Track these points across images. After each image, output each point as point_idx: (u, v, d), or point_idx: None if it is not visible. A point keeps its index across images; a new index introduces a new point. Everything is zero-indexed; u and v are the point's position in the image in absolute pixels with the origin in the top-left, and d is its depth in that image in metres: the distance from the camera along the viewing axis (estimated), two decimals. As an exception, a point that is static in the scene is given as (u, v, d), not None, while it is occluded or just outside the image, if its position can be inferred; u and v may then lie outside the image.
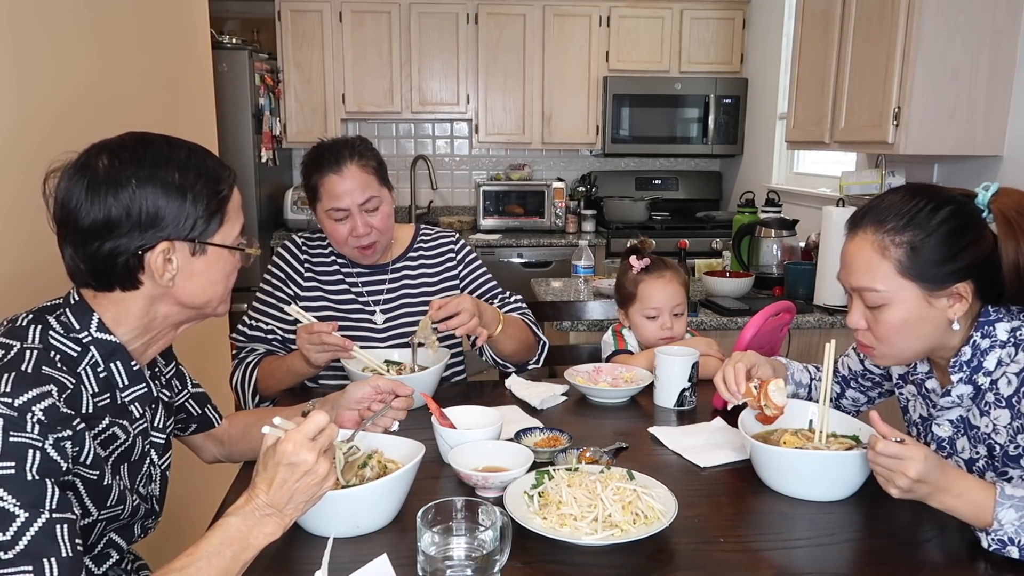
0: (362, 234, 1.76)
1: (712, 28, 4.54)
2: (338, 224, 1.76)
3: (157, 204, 1.02)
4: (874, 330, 1.22)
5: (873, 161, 2.99)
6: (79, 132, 1.14)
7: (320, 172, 1.74)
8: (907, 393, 1.38)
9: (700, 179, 5.00)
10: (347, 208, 1.74)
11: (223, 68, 3.70)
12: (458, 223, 4.76)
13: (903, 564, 1.06)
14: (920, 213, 1.17)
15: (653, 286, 1.88)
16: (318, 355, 1.61)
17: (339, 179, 1.73)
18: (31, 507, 0.87)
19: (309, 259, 1.88)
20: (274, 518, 0.97)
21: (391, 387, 1.34)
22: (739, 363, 1.39)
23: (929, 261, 1.16)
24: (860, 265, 1.20)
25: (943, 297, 1.18)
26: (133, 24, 1.97)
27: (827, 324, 2.56)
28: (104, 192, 1.00)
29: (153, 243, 1.02)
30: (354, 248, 1.79)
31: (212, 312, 1.14)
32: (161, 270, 1.04)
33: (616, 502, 1.09)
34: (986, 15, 2.36)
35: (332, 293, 1.86)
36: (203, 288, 1.09)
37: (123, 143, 1.05)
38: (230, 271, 1.13)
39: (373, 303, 1.86)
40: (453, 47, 4.47)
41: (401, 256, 1.92)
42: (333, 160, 1.74)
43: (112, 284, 1.04)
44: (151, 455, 1.17)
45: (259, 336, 1.82)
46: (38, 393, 0.92)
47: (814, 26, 2.93)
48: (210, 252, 1.08)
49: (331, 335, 1.58)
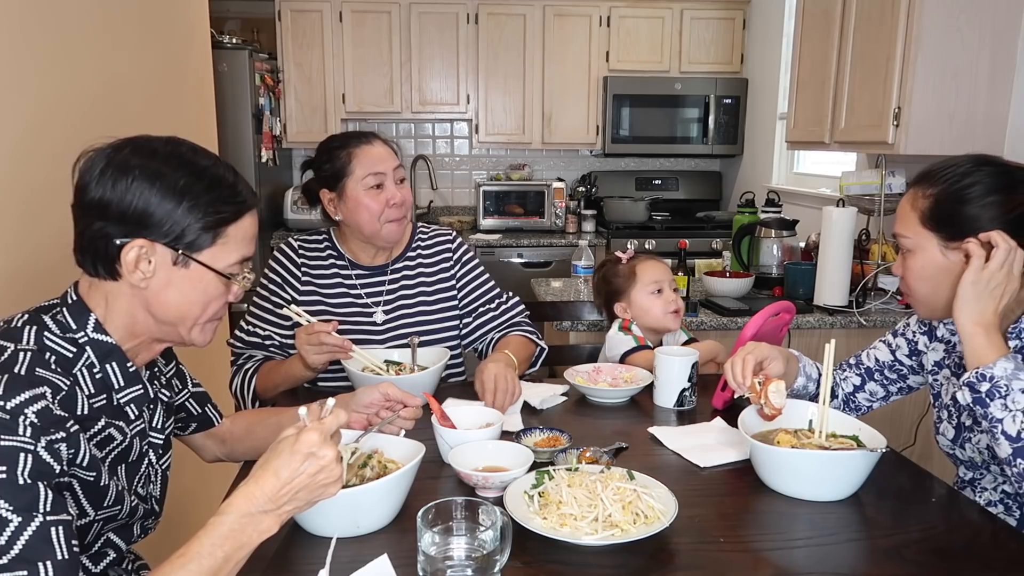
0: (398, 201, 1.78)
1: (712, 28, 4.54)
2: (375, 193, 1.77)
3: (148, 201, 1.01)
4: (905, 278, 1.33)
5: (873, 161, 2.99)
6: (80, 132, 1.14)
7: (348, 147, 1.79)
8: (941, 378, 1.43)
9: (700, 179, 5.00)
10: (384, 172, 1.78)
11: (223, 68, 3.70)
12: (458, 223, 4.76)
13: (903, 564, 1.06)
14: (951, 171, 1.26)
15: (647, 263, 1.98)
16: (316, 356, 1.60)
17: (371, 147, 1.79)
18: (24, 511, 0.86)
19: (306, 261, 1.88)
20: (271, 514, 0.94)
21: (401, 397, 1.34)
22: (749, 355, 1.40)
23: (947, 214, 1.24)
24: (899, 214, 1.34)
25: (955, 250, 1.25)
26: (133, 24, 1.97)
27: (827, 324, 2.56)
28: (109, 176, 1.01)
29: (132, 238, 1.01)
30: (388, 221, 1.79)
31: (187, 335, 1.10)
32: (133, 267, 1.02)
33: (616, 502, 1.09)
34: (986, 15, 2.36)
35: (329, 296, 1.85)
36: (177, 303, 1.06)
37: (155, 140, 1.06)
38: (212, 296, 1.08)
39: (373, 304, 1.86)
40: (453, 47, 4.47)
41: (400, 256, 1.92)
42: (360, 137, 1.81)
43: (96, 267, 1.04)
44: (149, 455, 1.17)
45: (257, 343, 1.81)
46: (31, 395, 0.92)
47: (814, 26, 2.93)
48: (193, 268, 1.05)
49: (330, 335, 1.57)
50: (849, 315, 2.57)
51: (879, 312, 2.61)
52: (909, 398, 2.63)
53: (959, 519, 1.19)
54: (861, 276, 2.68)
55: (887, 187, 2.68)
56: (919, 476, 1.33)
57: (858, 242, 2.70)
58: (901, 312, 2.61)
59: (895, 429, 2.65)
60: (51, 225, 1.07)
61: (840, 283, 2.63)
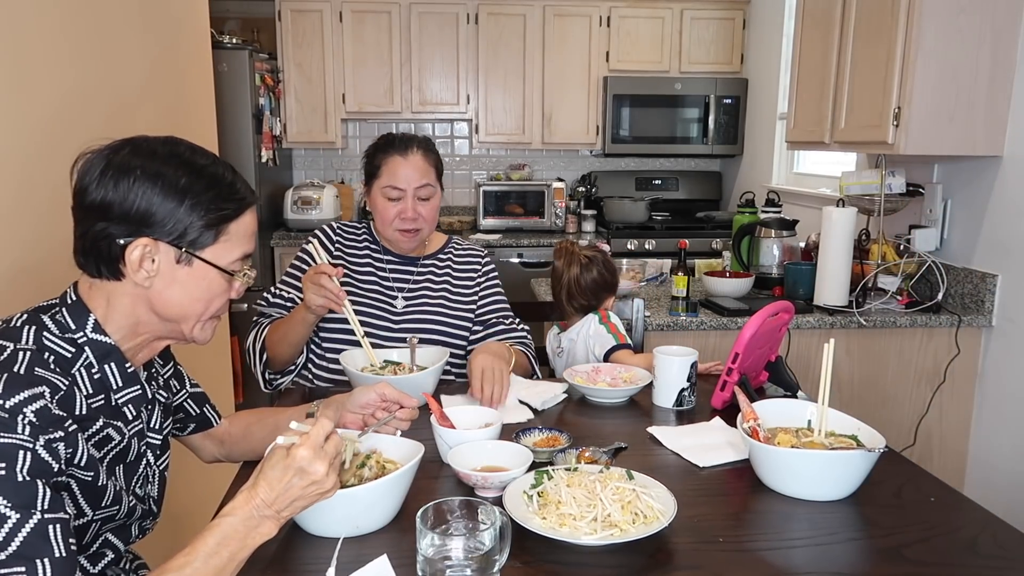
0: (410, 218, 1.85)
1: (712, 28, 4.54)
2: (390, 204, 1.85)
3: (151, 201, 1.01)
4: None
5: (873, 161, 2.99)
6: (79, 132, 1.14)
7: (386, 152, 1.86)
8: None
9: (700, 179, 4.99)
10: (403, 189, 1.83)
11: (223, 68, 3.70)
12: (458, 223, 4.76)
13: (903, 564, 1.06)
14: None
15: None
16: (312, 296, 1.64)
17: (403, 160, 1.84)
18: (23, 508, 0.87)
19: (342, 244, 1.97)
20: (271, 519, 0.98)
21: (397, 397, 1.34)
22: None
23: None
24: None
25: None
26: (133, 24, 1.97)
27: (827, 324, 2.56)
28: (110, 177, 1.01)
29: (135, 237, 1.02)
30: (397, 230, 1.87)
31: (189, 332, 1.11)
32: (137, 266, 1.03)
33: (615, 502, 1.09)
34: (986, 15, 2.36)
35: (357, 275, 1.92)
36: (180, 300, 1.07)
37: (153, 140, 1.06)
38: (215, 293, 1.10)
39: (397, 290, 1.92)
40: (453, 47, 4.47)
41: (431, 255, 1.99)
42: (402, 145, 1.86)
43: (98, 268, 1.04)
44: (147, 456, 1.17)
45: (279, 303, 1.88)
46: (30, 395, 0.92)
47: (814, 26, 2.93)
48: (196, 266, 1.06)
49: (331, 279, 1.62)
50: (849, 315, 2.57)
51: (879, 312, 2.60)
52: (909, 398, 2.65)
53: (959, 519, 1.19)
54: (861, 276, 2.68)
55: (887, 187, 2.68)
56: (919, 476, 1.33)
57: (858, 242, 2.70)
58: (901, 312, 2.61)
59: (895, 429, 2.65)
60: (52, 226, 1.07)
61: (840, 283, 2.63)
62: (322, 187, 4.34)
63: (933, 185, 2.78)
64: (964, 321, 2.55)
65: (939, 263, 2.68)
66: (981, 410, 2.64)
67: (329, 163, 4.86)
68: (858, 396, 2.62)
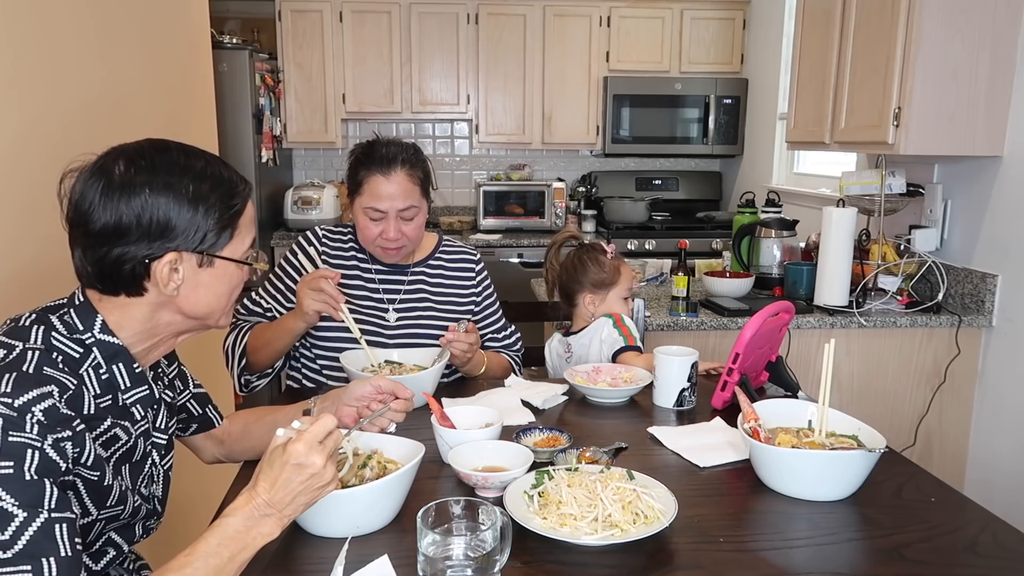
0: (392, 238, 1.79)
1: (712, 28, 4.54)
2: (372, 223, 1.79)
3: (168, 214, 1.01)
4: None
5: (873, 161, 2.99)
6: (81, 132, 1.14)
7: (368, 169, 1.76)
8: None
9: (700, 179, 5.00)
10: (385, 211, 1.76)
11: (223, 68, 3.70)
12: (458, 223, 4.76)
13: (903, 564, 1.06)
14: None
15: (627, 267, 2.00)
16: (311, 301, 1.62)
17: (385, 181, 1.75)
18: (30, 507, 0.87)
19: (327, 251, 1.91)
20: (273, 518, 0.98)
21: (392, 388, 1.35)
22: None
23: None
24: None
25: None
26: (133, 24, 1.97)
27: (827, 324, 2.56)
28: (117, 198, 0.99)
29: (161, 253, 1.02)
30: (378, 247, 1.83)
31: (214, 324, 1.14)
32: (166, 280, 1.04)
33: (616, 502, 1.09)
34: (986, 15, 2.36)
35: (346, 290, 1.87)
36: (207, 300, 1.10)
37: (141, 149, 1.04)
38: (236, 284, 1.13)
39: (388, 301, 1.88)
40: (453, 47, 4.47)
41: (421, 261, 1.94)
42: (385, 162, 1.75)
43: (118, 289, 1.04)
44: (153, 456, 1.17)
45: (258, 312, 1.86)
46: (39, 394, 0.92)
47: (814, 26, 2.93)
48: (217, 265, 1.08)
49: (329, 283, 1.61)
50: (849, 315, 2.57)
51: (879, 312, 2.61)
52: (909, 399, 2.65)
53: (959, 519, 1.19)
54: (861, 276, 2.68)
55: (887, 187, 2.68)
56: (919, 476, 1.33)
57: (858, 242, 2.69)
58: (901, 312, 2.61)
59: (895, 429, 2.65)
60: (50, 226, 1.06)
61: (840, 283, 2.63)
62: (322, 187, 4.34)
63: (933, 185, 2.78)
64: (964, 321, 2.55)
65: (939, 263, 2.68)
66: (981, 410, 2.64)
67: (329, 163, 4.87)
68: (858, 396, 2.62)
